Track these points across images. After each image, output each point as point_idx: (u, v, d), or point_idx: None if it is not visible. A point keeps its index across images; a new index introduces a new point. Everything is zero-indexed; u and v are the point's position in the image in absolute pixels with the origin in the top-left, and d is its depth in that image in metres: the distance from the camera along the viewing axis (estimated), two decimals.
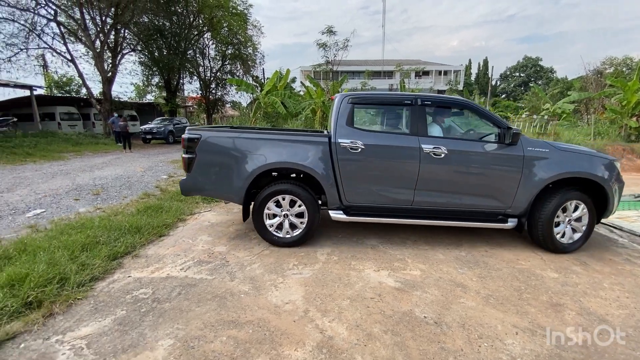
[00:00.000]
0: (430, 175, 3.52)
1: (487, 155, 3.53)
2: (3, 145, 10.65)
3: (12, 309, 2.29)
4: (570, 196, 3.48)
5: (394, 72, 40.55)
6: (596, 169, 3.49)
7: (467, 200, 3.61)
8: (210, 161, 3.66)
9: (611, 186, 3.50)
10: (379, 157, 3.55)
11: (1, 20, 15.63)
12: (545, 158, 3.50)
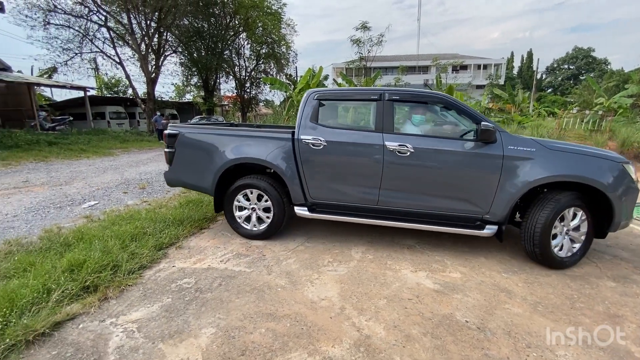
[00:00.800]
0: (395, 175, 3.31)
1: (460, 154, 3.15)
2: (61, 143, 11.68)
3: (72, 292, 2.49)
4: (568, 203, 2.98)
5: (430, 66, 39.27)
6: (595, 172, 2.97)
7: (439, 202, 3.29)
8: (188, 155, 3.87)
9: (617, 193, 2.96)
10: (341, 154, 3.44)
11: (59, 27, 17.12)
12: (530, 158, 3.03)
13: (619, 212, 3.00)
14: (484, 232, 3.15)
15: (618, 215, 3.00)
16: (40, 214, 4.54)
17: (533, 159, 3.03)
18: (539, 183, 3.00)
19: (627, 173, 3.04)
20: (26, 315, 2.19)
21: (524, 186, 3.01)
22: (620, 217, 3.02)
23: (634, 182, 3.05)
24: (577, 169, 3.00)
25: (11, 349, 1.96)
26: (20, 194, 5.52)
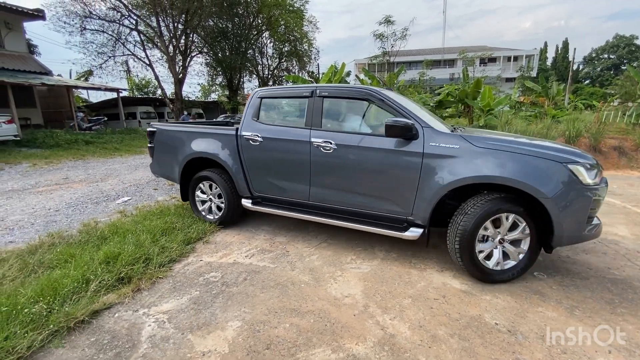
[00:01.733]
0: (322, 171, 3.30)
1: (381, 151, 2.97)
2: (97, 142, 12.36)
3: (109, 282, 2.64)
4: (503, 207, 2.59)
5: (456, 60, 38.00)
6: (527, 173, 2.51)
7: (364, 201, 3.17)
8: (162, 150, 4.44)
9: (556, 199, 2.45)
10: (274, 150, 3.57)
11: (94, 32, 18.05)
12: (452, 157, 2.72)
13: (558, 223, 2.50)
14: (406, 234, 2.94)
15: (558, 227, 2.51)
16: (79, 208, 4.83)
17: (456, 157, 2.71)
18: (459, 184, 2.67)
19: (574, 176, 2.49)
20: (67, 303, 2.34)
21: (444, 187, 2.72)
22: (562, 228, 2.51)
23: (585, 187, 2.50)
24: (502, 170, 2.56)
25: (54, 334, 2.10)
26: (61, 190, 5.90)
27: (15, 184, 6.33)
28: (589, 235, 2.66)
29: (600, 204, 2.73)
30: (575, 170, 2.50)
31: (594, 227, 2.67)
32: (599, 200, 2.64)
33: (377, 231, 3.09)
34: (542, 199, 2.49)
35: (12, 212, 4.66)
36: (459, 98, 12.24)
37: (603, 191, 2.68)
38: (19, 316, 2.11)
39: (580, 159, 2.58)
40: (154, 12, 17.16)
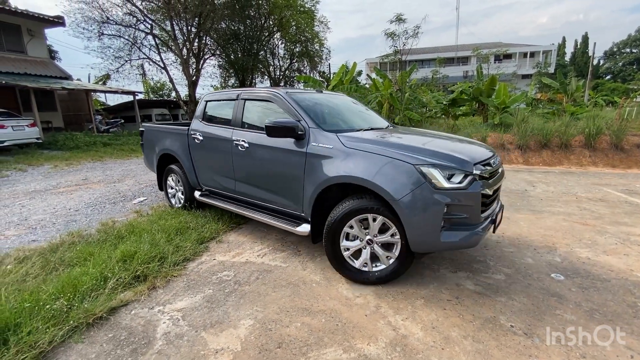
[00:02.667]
0: (240, 166, 3.63)
1: (278, 150, 3.17)
2: (114, 143, 12.70)
3: (125, 280, 2.71)
4: (367, 207, 2.57)
5: (470, 57, 37.31)
6: (381, 175, 2.46)
7: (270, 197, 3.41)
8: (147, 146, 5.12)
9: (405, 203, 2.35)
10: (210, 147, 4.00)
11: (111, 37, 18.56)
12: (327, 156, 2.81)
13: (408, 227, 2.40)
14: (297, 229, 3.03)
15: (409, 231, 2.41)
16: (97, 208, 4.98)
17: (331, 157, 2.79)
18: (329, 183, 2.75)
19: (424, 179, 2.35)
20: (87, 300, 2.42)
21: (317, 186, 2.83)
22: (413, 234, 2.40)
23: (438, 191, 2.33)
24: (359, 171, 2.57)
25: (74, 329, 2.17)
26: (80, 191, 6.09)
27: (38, 185, 6.57)
28: (451, 244, 2.40)
29: (473, 210, 2.42)
30: (427, 172, 2.37)
31: (468, 235, 2.39)
32: (463, 205, 2.39)
33: (278, 225, 3.25)
34: (391, 201, 2.42)
35: (35, 212, 4.84)
36: (473, 96, 12.02)
37: (471, 197, 2.38)
38: (41, 312, 2.19)
39: (441, 160, 2.42)
40: (168, 16, 17.52)
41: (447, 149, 2.65)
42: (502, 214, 3.02)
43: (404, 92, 12.71)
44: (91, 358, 1.96)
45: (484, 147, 3.04)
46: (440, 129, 11.09)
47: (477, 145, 3.11)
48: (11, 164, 8.79)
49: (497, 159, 2.91)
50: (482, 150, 2.87)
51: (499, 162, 2.92)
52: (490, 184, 2.57)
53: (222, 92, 4.19)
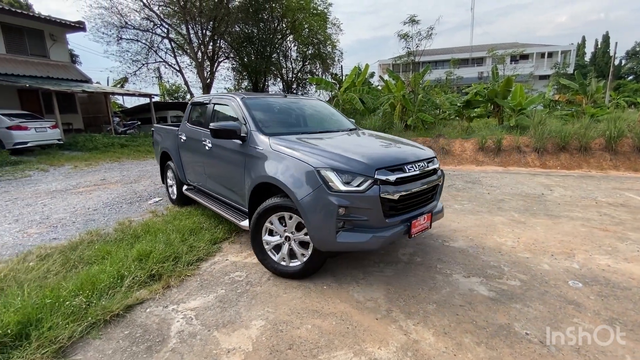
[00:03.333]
0: (206, 164, 4.02)
1: (229, 150, 3.47)
2: (131, 145, 13.03)
3: (141, 279, 2.77)
4: (282, 206, 2.73)
5: (485, 58, 36.67)
6: (288, 176, 2.65)
7: (226, 192, 3.72)
8: (155, 144, 5.76)
9: (305, 203, 2.49)
10: (189, 146, 4.41)
11: (129, 41, 19.10)
12: (259, 157, 3.02)
13: (307, 226, 2.53)
14: (241, 223, 3.27)
15: (310, 230, 2.53)
16: (114, 208, 5.12)
17: (260, 158, 3.01)
18: (255, 183, 2.99)
19: (321, 181, 2.45)
20: (104, 297, 2.49)
21: (250, 184, 3.07)
22: (312, 233, 2.52)
23: (333, 193, 2.41)
24: (275, 172, 2.78)
25: (92, 326, 2.24)
26: (99, 191, 6.28)
27: (59, 185, 6.80)
28: (348, 245, 2.47)
29: (373, 213, 2.47)
30: (325, 175, 2.47)
31: (369, 237, 2.45)
32: (362, 208, 2.45)
33: (229, 219, 3.51)
34: (295, 201, 2.57)
35: (56, 210, 5.01)
36: (488, 97, 11.80)
37: (369, 200, 2.44)
38: (61, 308, 2.27)
39: (340, 164, 2.51)
40: (184, 20, 17.90)
41: (355, 152, 2.70)
42: (437, 217, 3.08)
43: (417, 93, 12.60)
44: (108, 354, 2.02)
45: (414, 153, 2.99)
46: (454, 131, 10.95)
47: (413, 149, 3.10)
48: (34, 164, 9.13)
49: (421, 164, 2.84)
50: (403, 156, 2.84)
51: (423, 168, 2.83)
52: (401, 189, 2.58)
53: (202, 97, 4.68)
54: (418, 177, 2.77)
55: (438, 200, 3.20)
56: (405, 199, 2.65)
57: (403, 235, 2.66)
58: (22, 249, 3.56)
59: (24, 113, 11.52)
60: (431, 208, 2.99)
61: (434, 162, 3.04)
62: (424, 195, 2.88)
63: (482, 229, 4.05)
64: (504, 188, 6.21)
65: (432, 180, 2.93)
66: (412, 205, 2.77)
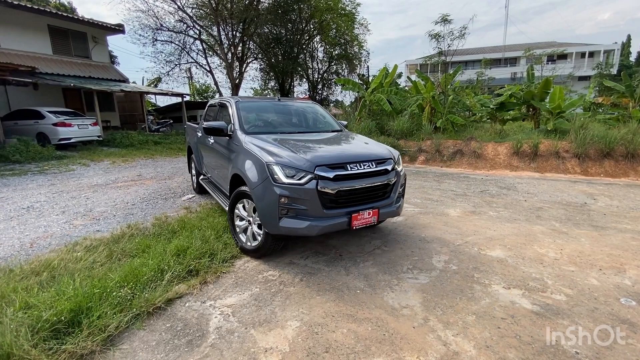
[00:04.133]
0: (210, 158, 4.69)
1: (221, 145, 4.09)
2: (163, 142, 13.57)
3: (180, 274, 2.87)
4: (243, 193, 3.28)
5: (518, 58, 35.14)
6: (248, 169, 3.16)
7: (222, 183, 4.14)
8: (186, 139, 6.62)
9: (256, 192, 3.00)
10: (203, 142, 4.95)
11: (163, 42, 19.90)
12: (237, 153, 3.54)
13: (258, 211, 3.01)
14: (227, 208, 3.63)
15: (259, 215, 3.03)
16: (151, 203, 5.34)
17: (238, 153, 3.49)
18: (232, 174, 3.53)
19: (268, 173, 2.91)
20: (146, 290, 2.60)
21: (229, 176, 3.61)
22: (261, 217, 2.99)
23: (277, 184, 2.84)
24: (241, 165, 3.29)
25: (137, 317, 2.34)
26: (136, 186, 6.58)
27: (99, 179, 7.19)
28: (288, 229, 2.87)
29: (311, 204, 2.83)
30: (272, 169, 2.90)
31: (307, 225, 2.83)
32: (301, 199, 2.82)
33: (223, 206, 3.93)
34: (249, 189, 3.10)
35: (98, 204, 5.30)
36: (523, 99, 11.27)
37: (307, 193, 2.81)
38: (109, 298, 2.39)
39: (286, 160, 2.93)
40: (216, 22, 18.41)
41: (307, 151, 3.10)
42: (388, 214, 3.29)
43: (448, 95, 12.25)
44: (152, 345, 2.10)
45: (363, 154, 3.27)
46: (486, 134, 10.56)
47: (366, 151, 3.40)
48: (76, 159, 9.71)
49: (367, 164, 3.08)
50: (347, 156, 3.13)
51: (368, 168, 3.07)
52: (340, 185, 2.89)
53: (215, 100, 5.24)
54: (361, 176, 3.04)
55: (394, 198, 3.35)
56: (345, 194, 2.96)
57: (345, 227, 2.95)
58: (69, 240, 3.79)
59: (68, 111, 12.27)
60: (380, 205, 3.18)
61: (386, 163, 3.25)
62: (369, 192, 3.13)
63: (520, 238, 3.87)
64: (542, 195, 5.91)
65: (379, 179, 3.15)
66: (354, 200, 3.04)
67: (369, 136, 10.77)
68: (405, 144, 10.54)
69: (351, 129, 11.83)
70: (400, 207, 3.47)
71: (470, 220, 4.50)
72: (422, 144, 10.18)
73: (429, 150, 9.88)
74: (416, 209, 5.08)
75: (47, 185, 6.54)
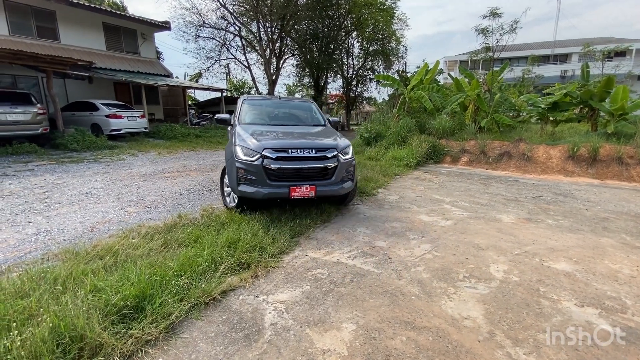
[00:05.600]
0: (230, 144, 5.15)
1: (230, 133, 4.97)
2: (204, 136, 14.06)
3: (232, 266, 2.90)
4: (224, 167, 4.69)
5: (571, 54, 32.63)
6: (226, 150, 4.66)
7: None
8: None
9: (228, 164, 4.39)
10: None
11: (205, 39, 20.58)
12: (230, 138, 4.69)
13: (227, 179, 4.54)
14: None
15: (228, 182, 4.46)
16: (197, 194, 5.51)
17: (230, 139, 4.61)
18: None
19: (234, 153, 4.08)
20: (202, 280, 2.64)
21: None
22: (229, 183, 4.41)
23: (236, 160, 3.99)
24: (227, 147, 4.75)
25: (194, 307, 2.38)
26: (181, 177, 6.83)
27: (148, 169, 7.56)
28: (243, 192, 3.90)
29: (259, 175, 3.82)
30: (235, 149, 4.02)
31: (254, 190, 3.82)
32: (252, 171, 3.83)
33: None
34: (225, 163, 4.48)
35: (148, 193, 5.55)
36: (580, 99, 10.39)
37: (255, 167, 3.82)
38: (169, 286, 2.45)
39: (245, 144, 4.01)
40: (255, 18, 18.74)
41: (270, 138, 4.12)
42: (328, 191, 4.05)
43: (493, 93, 11.59)
44: (211, 337, 2.12)
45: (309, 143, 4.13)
46: (535, 136, 9.87)
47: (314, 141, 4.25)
48: (125, 149, 10.29)
49: (308, 151, 3.96)
50: (290, 143, 4.02)
51: (309, 154, 3.95)
52: (280, 164, 3.85)
53: (241, 97, 5.84)
54: (300, 159, 3.92)
55: (336, 180, 4.11)
56: (286, 171, 3.88)
57: (286, 196, 3.83)
58: (125, 226, 3.98)
59: (119, 103, 13.04)
60: (319, 183, 3.99)
61: (327, 152, 4.07)
62: (308, 172, 3.98)
63: (587, 250, 3.54)
64: (606, 204, 5.40)
65: (317, 163, 4.00)
66: (294, 176, 3.94)
67: (408, 135, 10.46)
68: (447, 144, 10.11)
69: (388, 127, 11.56)
70: (345, 189, 4.19)
71: (527, 228, 4.19)
72: (466, 144, 9.71)
73: (472, 151, 9.40)
74: (465, 212, 4.83)
75: (102, 173, 6.97)
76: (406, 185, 6.71)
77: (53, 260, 3.03)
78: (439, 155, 9.86)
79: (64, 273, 2.54)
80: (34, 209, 4.55)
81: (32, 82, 13.34)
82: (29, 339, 1.77)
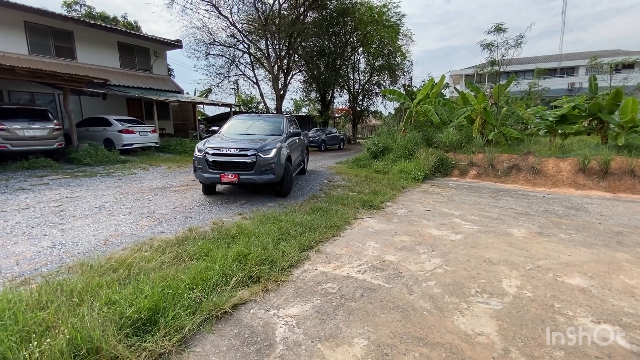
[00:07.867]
0: None
1: None
2: None
3: (242, 279, 2.92)
4: None
5: (577, 67, 32.66)
6: None
7: None
8: None
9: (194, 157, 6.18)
10: None
11: (215, 56, 21.19)
12: None
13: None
14: None
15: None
16: (207, 208, 5.58)
17: None
18: None
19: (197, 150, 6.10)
20: (214, 294, 2.66)
21: None
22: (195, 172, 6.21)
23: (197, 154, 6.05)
24: None
25: (206, 320, 2.39)
26: (191, 190, 6.93)
27: (159, 183, 7.70)
28: (197, 176, 6.00)
29: (204, 165, 5.80)
30: (197, 147, 6.02)
31: (200, 175, 5.91)
32: (201, 162, 5.83)
33: None
34: None
35: (159, 206, 5.64)
36: (589, 112, 10.35)
37: (200, 160, 5.82)
38: (181, 299, 2.48)
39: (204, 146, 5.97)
40: (264, 36, 19.28)
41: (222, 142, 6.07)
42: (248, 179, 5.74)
43: (500, 106, 11.62)
44: (223, 350, 2.13)
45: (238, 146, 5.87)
46: (544, 149, 9.81)
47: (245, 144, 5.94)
48: (137, 163, 10.51)
49: (234, 151, 5.77)
50: (225, 145, 5.90)
51: (234, 153, 5.76)
52: (215, 158, 5.76)
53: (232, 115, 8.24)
54: (228, 155, 5.74)
55: (256, 173, 5.72)
56: (219, 163, 5.74)
57: (218, 180, 5.73)
58: (137, 239, 4.04)
59: (131, 119, 13.38)
60: (242, 173, 5.69)
61: (248, 151, 5.72)
62: (233, 165, 5.73)
63: (602, 265, 3.47)
64: (619, 218, 5.31)
65: (239, 159, 5.72)
66: (224, 167, 5.74)
67: (415, 148, 10.50)
68: (454, 157, 10.11)
69: (395, 140, 11.63)
70: (264, 179, 5.76)
71: (539, 243, 4.14)
72: (474, 157, 9.69)
73: (481, 164, 9.37)
74: (475, 226, 4.79)
75: (114, 187, 7.12)
76: (414, 198, 6.69)
77: (68, 272, 3.09)
78: (447, 168, 9.84)
79: (80, 285, 2.59)
80: (49, 222, 4.66)
81: (49, 98, 13.83)
82: (48, 351, 1.81)
